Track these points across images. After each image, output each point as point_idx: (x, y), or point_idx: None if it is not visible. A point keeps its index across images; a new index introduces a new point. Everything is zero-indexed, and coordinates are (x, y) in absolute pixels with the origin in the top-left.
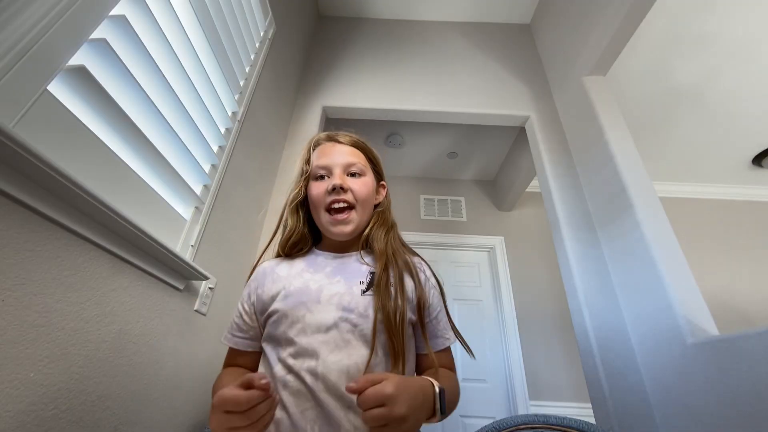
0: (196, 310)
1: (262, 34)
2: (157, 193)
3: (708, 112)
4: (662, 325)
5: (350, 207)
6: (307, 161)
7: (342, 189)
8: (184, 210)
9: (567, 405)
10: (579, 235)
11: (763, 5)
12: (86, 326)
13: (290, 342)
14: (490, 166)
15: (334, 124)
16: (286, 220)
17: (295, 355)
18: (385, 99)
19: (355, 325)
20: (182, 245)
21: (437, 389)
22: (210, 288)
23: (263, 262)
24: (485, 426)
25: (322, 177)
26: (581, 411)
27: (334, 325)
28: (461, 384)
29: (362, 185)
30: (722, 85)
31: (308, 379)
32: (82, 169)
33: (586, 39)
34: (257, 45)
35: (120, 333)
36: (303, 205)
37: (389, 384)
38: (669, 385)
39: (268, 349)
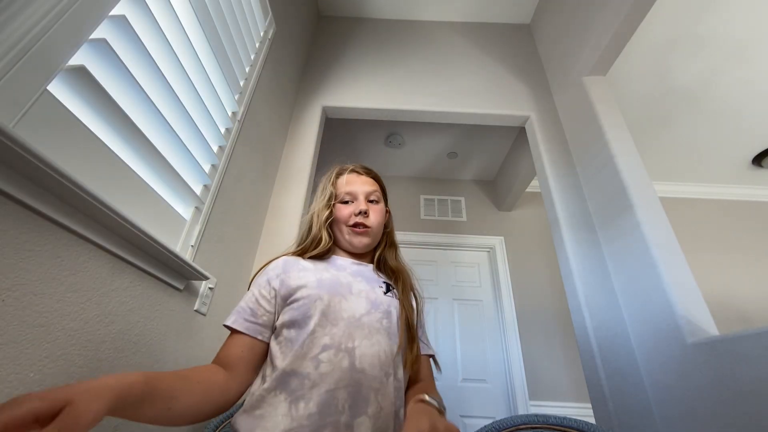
0: (196, 310)
1: (262, 34)
2: (157, 193)
3: (708, 112)
4: (662, 325)
5: (368, 227)
6: (332, 185)
7: (365, 214)
8: (184, 210)
9: (567, 405)
10: (579, 235)
11: (762, 6)
12: (86, 326)
13: (325, 324)
14: (490, 166)
15: (334, 124)
16: (318, 235)
17: (332, 336)
18: (385, 99)
19: (382, 318)
20: (182, 245)
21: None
22: (210, 288)
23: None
24: (485, 426)
25: (348, 201)
26: (581, 411)
27: (366, 315)
28: (461, 384)
29: (378, 213)
30: (722, 85)
31: (346, 359)
32: (82, 169)
33: (586, 39)
34: (257, 45)
35: (120, 333)
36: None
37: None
38: (669, 385)
39: (290, 333)
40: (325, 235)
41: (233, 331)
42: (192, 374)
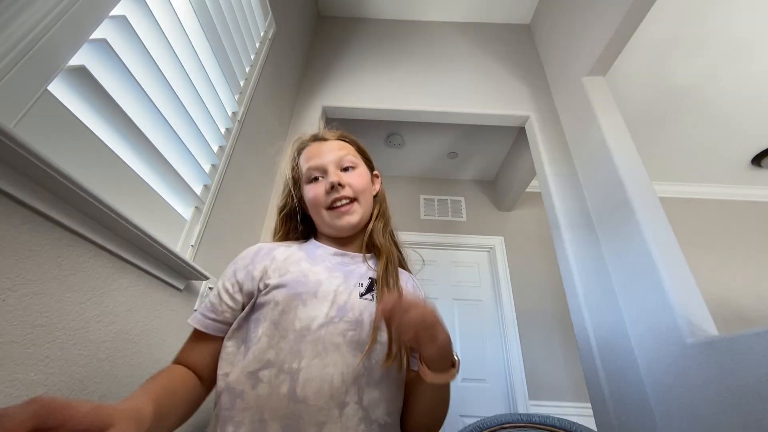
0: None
1: (262, 34)
2: (157, 193)
3: (708, 112)
4: (662, 325)
5: (352, 200)
6: (294, 166)
7: (340, 185)
8: (184, 210)
9: (567, 405)
10: (579, 235)
11: (763, 5)
12: (86, 326)
13: (274, 334)
14: (490, 166)
15: (335, 124)
16: (276, 227)
17: (278, 351)
18: (385, 99)
19: (347, 330)
20: (182, 245)
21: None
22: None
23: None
24: (469, 425)
25: (316, 179)
26: (581, 411)
27: (326, 325)
28: (461, 384)
29: (358, 177)
30: (722, 85)
31: (285, 383)
32: (82, 169)
33: (585, 39)
34: (257, 45)
35: (120, 333)
36: (296, 210)
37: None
38: (669, 385)
39: (239, 337)
40: (283, 229)
41: (195, 330)
42: (177, 388)
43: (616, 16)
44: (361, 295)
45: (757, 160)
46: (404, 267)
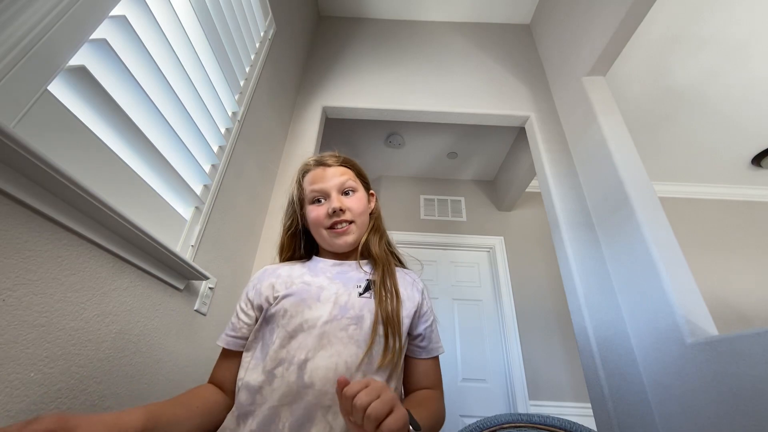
0: (196, 310)
1: (262, 34)
2: (157, 193)
3: (707, 113)
4: (661, 325)
5: (350, 222)
6: (299, 187)
7: (341, 210)
8: (184, 210)
9: (567, 405)
10: (579, 235)
11: (762, 6)
12: (86, 326)
13: (285, 336)
14: (490, 166)
15: (335, 124)
16: (284, 245)
17: (288, 349)
18: (385, 99)
19: (348, 325)
20: (182, 245)
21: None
22: (210, 288)
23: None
24: (468, 425)
25: (318, 201)
26: (581, 411)
27: (329, 321)
28: (461, 384)
29: (357, 201)
30: (722, 85)
31: (294, 373)
32: (82, 169)
33: (585, 39)
34: (257, 45)
35: (120, 333)
36: (301, 228)
37: (389, 393)
38: (668, 385)
39: (257, 346)
40: (289, 246)
41: (223, 348)
42: (192, 399)
43: (616, 16)
44: (360, 294)
45: (757, 160)
46: (404, 267)
